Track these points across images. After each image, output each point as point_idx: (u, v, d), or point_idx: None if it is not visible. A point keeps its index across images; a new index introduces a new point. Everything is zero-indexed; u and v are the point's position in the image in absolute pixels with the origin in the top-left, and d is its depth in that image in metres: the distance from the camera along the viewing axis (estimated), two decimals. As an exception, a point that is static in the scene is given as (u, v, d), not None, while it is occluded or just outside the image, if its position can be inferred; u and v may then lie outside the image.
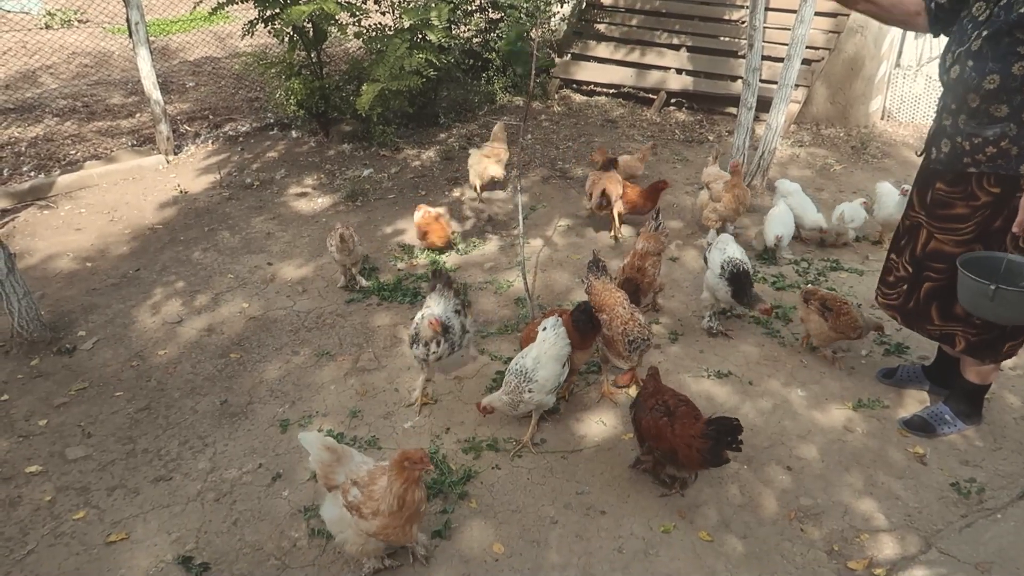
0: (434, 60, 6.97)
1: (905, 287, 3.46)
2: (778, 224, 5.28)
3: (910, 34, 8.57)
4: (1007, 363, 3.80)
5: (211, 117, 8.29)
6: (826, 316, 4.03)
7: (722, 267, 4.25)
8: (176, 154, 7.24)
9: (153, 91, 6.89)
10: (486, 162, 6.24)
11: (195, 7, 7.30)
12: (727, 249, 4.35)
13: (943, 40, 3.25)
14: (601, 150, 6.43)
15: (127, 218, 6.07)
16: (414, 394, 3.88)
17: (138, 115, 8.11)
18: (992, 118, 2.94)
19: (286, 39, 7.13)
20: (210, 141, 7.66)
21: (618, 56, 9.27)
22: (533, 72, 4.92)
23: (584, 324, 3.61)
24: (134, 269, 5.29)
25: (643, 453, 3.27)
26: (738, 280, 4.19)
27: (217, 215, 6.14)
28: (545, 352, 3.44)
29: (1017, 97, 2.85)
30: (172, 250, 5.56)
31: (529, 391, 3.38)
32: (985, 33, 2.88)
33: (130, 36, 6.78)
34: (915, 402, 3.85)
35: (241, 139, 7.79)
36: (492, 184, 6.51)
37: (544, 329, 3.50)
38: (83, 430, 3.72)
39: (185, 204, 6.34)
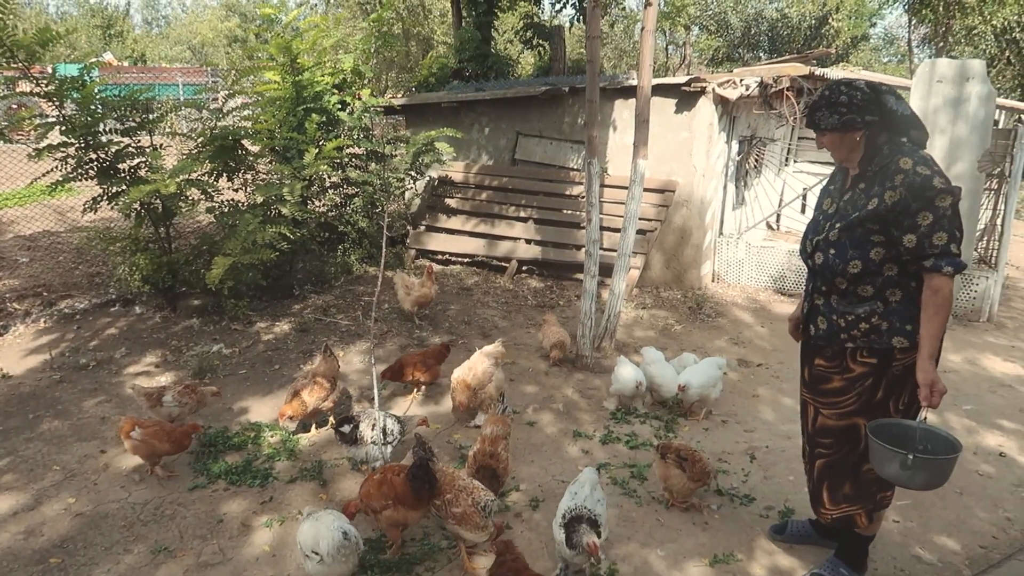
0: (288, 233, 7.04)
1: (807, 467, 3.60)
2: (632, 379, 5.57)
3: (728, 206, 9.62)
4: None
5: (45, 294, 7.84)
6: (684, 467, 4.18)
7: (563, 515, 3.59)
8: (1, 335, 6.73)
9: (-21, 269, 6.48)
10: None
11: (32, 182, 7.09)
12: (579, 493, 3.70)
13: (756, 212, 3.63)
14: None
15: (-64, 408, 5.48)
16: None
17: (-40, 294, 7.54)
18: (860, 298, 3.20)
19: (133, 215, 7.00)
20: (42, 320, 7.19)
21: (470, 227, 9.75)
22: (385, 243, 5.08)
23: (420, 483, 3.68)
24: (-61, 466, 4.72)
25: None
26: (572, 528, 3.53)
27: (44, 400, 5.67)
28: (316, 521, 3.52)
29: (879, 278, 3.15)
30: (-12, 442, 5.03)
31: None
32: (839, 225, 3.22)
33: (-43, 213, 6.44)
34: (764, 553, 3.99)
35: (78, 316, 7.37)
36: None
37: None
38: None
39: (7, 390, 5.82)
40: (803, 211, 10.15)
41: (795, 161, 10.71)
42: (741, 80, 8.61)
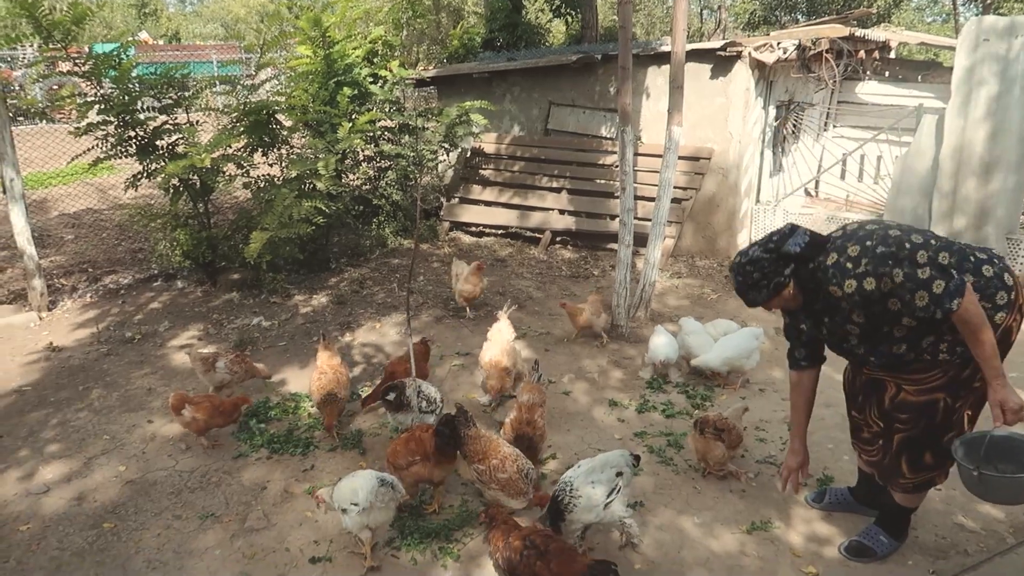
0: (323, 208, 7.10)
1: (881, 442, 3.55)
2: (667, 348, 5.55)
3: (766, 174, 9.46)
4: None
5: (90, 270, 8.04)
6: (723, 438, 4.18)
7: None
8: (50, 310, 6.93)
9: (27, 246, 6.67)
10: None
11: (71, 160, 7.24)
12: (581, 467, 3.68)
13: (794, 178, 3.52)
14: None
15: (-9, 381, 5.68)
16: None
17: (8, 271, 7.77)
18: (927, 348, 3.15)
19: (171, 191, 7.12)
20: (88, 295, 7.39)
21: (503, 199, 9.74)
22: (419, 216, 5.10)
23: (446, 439, 3.82)
24: (-4, 436, 4.90)
25: None
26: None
27: (93, 372, 5.84)
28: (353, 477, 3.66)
29: (922, 332, 3.09)
30: (40, 413, 5.21)
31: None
32: (859, 334, 3.20)
33: (3, 192, 6.61)
34: (802, 520, 3.98)
35: (122, 292, 7.55)
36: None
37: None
38: (-75, 626, 3.31)
39: (58, 362, 6.01)
40: (843, 177, 9.92)
41: (834, 126, 10.46)
42: (778, 43, 8.41)
